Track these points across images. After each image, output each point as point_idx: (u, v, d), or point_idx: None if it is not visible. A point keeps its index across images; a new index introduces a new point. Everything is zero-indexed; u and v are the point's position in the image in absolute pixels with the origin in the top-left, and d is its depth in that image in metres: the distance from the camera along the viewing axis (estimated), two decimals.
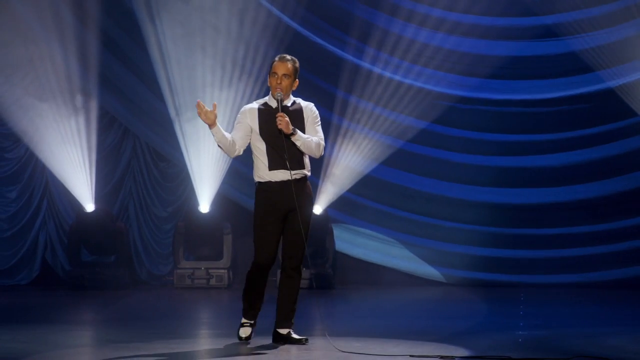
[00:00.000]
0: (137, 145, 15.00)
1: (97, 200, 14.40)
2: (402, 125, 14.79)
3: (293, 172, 7.99)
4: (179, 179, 14.95)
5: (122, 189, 15.05)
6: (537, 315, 11.03)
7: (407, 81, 14.64)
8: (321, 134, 8.20)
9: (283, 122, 7.94)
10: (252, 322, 8.28)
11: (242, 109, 8.21)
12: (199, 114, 7.92)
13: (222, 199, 14.54)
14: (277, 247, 8.12)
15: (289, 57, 8.22)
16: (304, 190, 8.12)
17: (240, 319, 8.30)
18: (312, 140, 8.08)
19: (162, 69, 14.21)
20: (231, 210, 14.62)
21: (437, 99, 14.75)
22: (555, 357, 7.41)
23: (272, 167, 8.03)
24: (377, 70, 14.58)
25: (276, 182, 8.02)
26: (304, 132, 8.06)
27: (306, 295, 13.19)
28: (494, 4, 14.52)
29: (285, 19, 14.34)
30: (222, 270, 14.22)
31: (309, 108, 8.24)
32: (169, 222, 15.00)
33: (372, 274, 14.87)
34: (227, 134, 8.05)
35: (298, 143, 8.01)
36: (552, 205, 14.79)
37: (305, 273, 14.17)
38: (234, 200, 14.78)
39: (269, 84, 8.20)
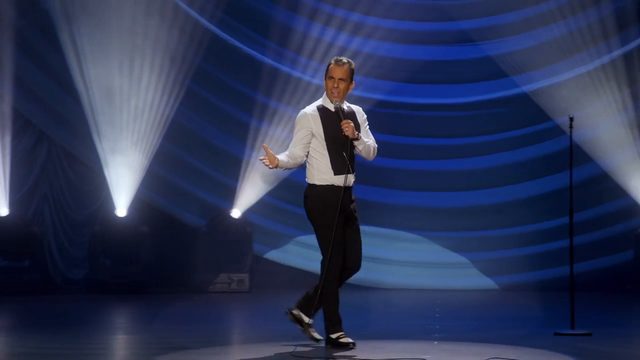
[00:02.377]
0: (53, 148, 14.78)
1: (11, 204, 14.16)
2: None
3: (351, 177, 7.95)
4: (95, 183, 14.77)
5: (37, 193, 14.81)
6: (455, 318, 11.11)
7: None
8: (373, 137, 8.17)
9: (350, 128, 7.86)
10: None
11: (302, 114, 8.02)
12: (263, 159, 7.86)
13: (139, 202, 14.40)
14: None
15: (345, 59, 8.06)
16: (353, 194, 8.13)
17: (328, 336, 8.02)
18: (370, 143, 8.07)
19: (78, 71, 14.03)
20: (149, 214, 14.49)
21: (355, 102, 14.79)
22: None
23: (337, 171, 7.94)
24: (296, 73, 14.58)
25: (341, 187, 7.91)
26: None
27: (225, 300, 13.14)
28: (412, 9, 14.63)
29: (203, 21, 14.27)
30: (142, 275, 14.08)
31: (360, 112, 8.17)
32: (85, 226, 14.81)
33: (292, 278, 14.85)
34: (285, 158, 7.96)
35: (360, 147, 7.98)
36: (468, 208, 14.93)
37: (223, 277, 14.12)
38: (151, 204, 14.65)
39: (324, 86, 8.07)
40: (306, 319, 8.09)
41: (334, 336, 7.97)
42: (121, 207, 14.25)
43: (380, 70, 14.76)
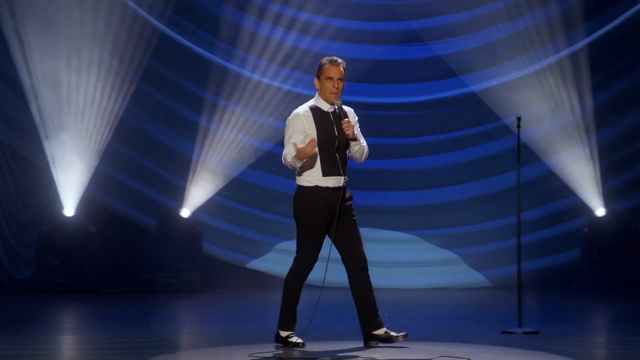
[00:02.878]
0: None
1: None
2: (271, 128, 14.80)
3: (343, 178, 7.91)
4: (43, 182, 14.63)
5: None
6: (404, 317, 11.14)
7: (276, 84, 14.66)
8: (363, 139, 8.12)
9: (351, 128, 7.84)
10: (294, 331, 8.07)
11: (295, 115, 7.91)
12: (309, 149, 7.71)
13: (87, 202, 14.29)
14: (319, 253, 7.98)
15: (339, 59, 7.99)
16: (349, 195, 8.05)
17: (278, 331, 8.02)
18: (365, 144, 8.04)
19: (25, 69, 13.89)
20: (97, 214, 14.38)
21: (304, 101, 14.80)
22: (419, 358, 7.50)
23: (326, 173, 7.88)
24: (245, 73, 14.55)
25: (330, 188, 7.88)
26: None
27: (175, 299, 13.08)
28: (361, 8, 14.66)
29: (152, 20, 14.20)
30: (90, 274, 13.99)
31: (352, 113, 8.11)
32: (32, 225, 14.66)
33: (243, 277, 14.82)
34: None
35: (356, 148, 7.94)
36: (418, 207, 14.99)
37: (173, 276, 14.06)
38: (100, 203, 14.55)
39: (317, 86, 7.96)
40: (283, 333, 8.02)
41: (284, 334, 7.96)
42: (69, 207, 14.14)
43: None
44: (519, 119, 9.46)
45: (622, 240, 14.22)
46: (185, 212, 14.46)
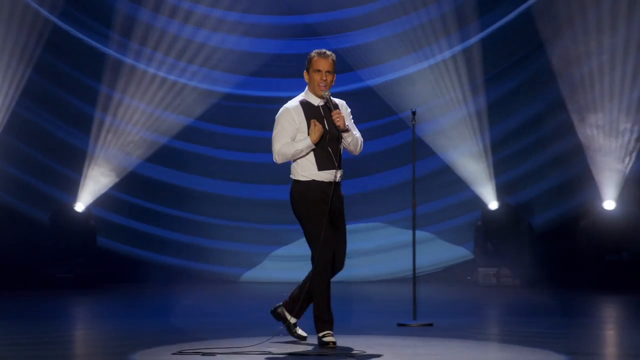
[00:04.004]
0: None
1: None
2: (167, 122, 14.70)
3: (339, 172, 7.77)
4: None
5: None
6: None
7: (172, 77, 14.56)
8: (358, 131, 7.98)
9: (341, 119, 7.69)
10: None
11: (285, 110, 7.80)
12: (319, 131, 7.61)
13: None
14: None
15: (328, 52, 7.91)
16: (341, 191, 7.92)
17: (288, 318, 8.00)
18: (358, 136, 7.89)
19: None
20: None
21: (202, 95, 14.74)
22: (318, 352, 7.54)
23: (321, 167, 7.75)
24: (141, 66, 14.42)
25: (326, 182, 7.74)
26: None
27: (70, 294, 12.91)
28: (257, 2, 14.64)
29: (44, 12, 13.97)
30: None
31: (344, 105, 7.97)
32: None
33: (138, 271, 14.70)
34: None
35: (349, 140, 7.80)
36: None
37: (67, 271, 13.87)
38: None
39: (307, 79, 7.85)
40: (290, 318, 7.95)
41: (320, 334, 7.77)
42: None
43: (227, 63, 14.72)
44: (413, 113, 9.55)
45: (515, 233, 14.47)
46: (79, 207, 14.28)
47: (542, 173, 14.82)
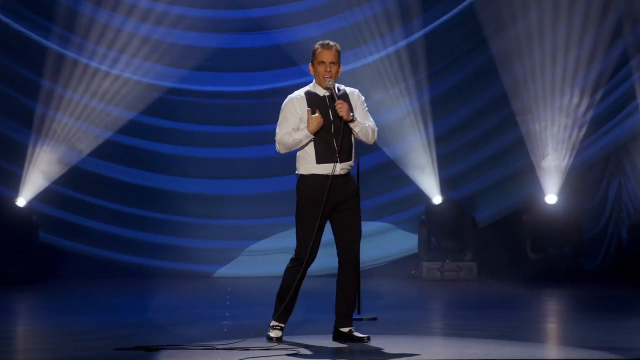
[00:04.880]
0: None
1: None
2: (111, 116, 14.59)
3: (340, 165, 7.64)
4: None
5: None
6: (244, 305, 11.17)
7: (115, 71, 14.45)
8: (372, 119, 7.86)
9: (344, 108, 7.57)
10: (283, 325, 7.84)
11: (288, 99, 7.73)
12: (316, 120, 7.54)
13: None
14: (319, 243, 7.71)
15: (332, 42, 7.78)
16: (352, 183, 7.78)
17: (270, 320, 7.86)
18: (368, 125, 7.75)
19: None
20: None
21: (145, 89, 14.66)
22: (261, 345, 7.55)
23: (320, 160, 7.65)
24: (83, 59, 14.29)
25: (324, 176, 7.64)
26: None
27: (10, 291, 12.77)
28: None
29: None
30: None
31: (356, 94, 7.84)
32: None
33: (81, 266, 14.58)
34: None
35: (357, 129, 7.67)
36: (263, 195, 15.02)
37: (9, 266, 13.73)
38: None
39: (312, 72, 7.76)
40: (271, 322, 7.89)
41: (270, 323, 7.85)
42: None
43: (171, 57, 14.64)
44: None
45: (458, 227, 14.56)
46: (21, 201, 14.13)
47: (485, 167, 14.92)
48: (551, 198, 14.29)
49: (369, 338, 7.83)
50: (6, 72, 14.32)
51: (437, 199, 14.61)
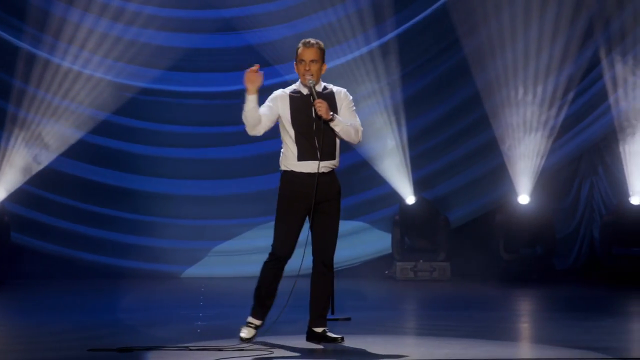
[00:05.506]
0: None
1: None
2: (83, 116, 14.54)
3: (322, 164, 7.61)
4: None
5: None
6: (216, 305, 11.16)
7: (87, 71, 14.39)
8: (358, 119, 7.83)
9: (322, 107, 7.56)
10: (259, 323, 7.80)
11: (273, 94, 7.78)
12: (250, 77, 7.52)
13: None
14: (296, 240, 7.67)
15: (313, 40, 7.79)
16: (334, 182, 7.75)
17: (247, 317, 7.81)
18: (351, 125, 7.71)
19: None
20: None
21: (118, 90, 14.60)
22: (234, 346, 7.53)
23: (301, 157, 7.63)
24: (55, 59, 14.23)
25: (305, 173, 7.61)
26: None
27: None
28: None
29: None
30: None
31: (342, 93, 7.85)
32: None
33: (52, 267, 14.50)
34: (258, 108, 7.63)
35: (337, 129, 7.64)
36: (233, 196, 15.00)
37: None
38: None
39: (296, 71, 7.77)
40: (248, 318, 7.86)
41: (247, 320, 7.84)
42: None
43: (143, 57, 14.59)
44: None
45: (432, 227, 14.59)
46: None
47: (458, 168, 14.96)
48: (524, 198, 14.35)
49: (342, 338, 7.84)
50: None
51: (410, 199, 14.63)
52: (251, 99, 7.65)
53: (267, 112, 7.75)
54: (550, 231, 14.30)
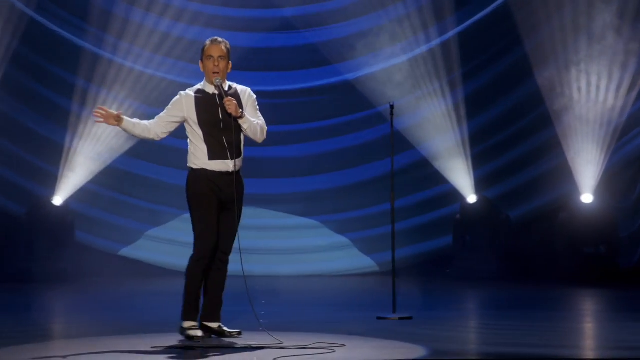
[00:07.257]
0: None
1: None
2: (145, 115, 14.65)
3: (232, 162, 7.68)
4: None
5: None
6: (279, 304, 11.16)
7: (149, 71, 14.51)
8: (262, 118, 7.90)
9: (232, 105, 7.63)
10: (195, 324, 7.80)
11: (178, 96, 7.81)
12: (104, 119, 7.59)
13: None
14: (217, 236, 7.73)
15: (220, 39, 7.92)
16: (241, 182, 7.84)
17: (181, 322, 7.79)
18: (257, 123, 7.80)
19: None
20: None
21: (180, 89, 14.69)
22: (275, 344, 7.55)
23: (212, 156, 7.69)
24: (118, 59, 14.36)
25: (217, 172, 7.69)
26: None
27: (47, 289, 12.85)
28: None
29: (20, 5, 13.89)
30: None
31: (247, 93, 7.93)
32: None
33: (115, 265, 14.65)
34: (136, 124, 7.73)
35: (245, 126, 7.71)
36: (292, 195, 15.03)
37: (46, 265, 13.81)
38: None
39: (202, 69, 7.84)
40: (184, 324, 7.82)
41: (185, 325, 7.79)
42: None
43: None
44: (392, 106, 9.56)
45: (493, 226, 14.51)
46: (57, 200, 14.22)
47: (520, 166, 14.86)
48: (587, 197, 14.19)
49: (240, 332, 7.86)
50: (42, 72, 14.44)
51: (472, 198, 14.56)
52: (124, 128, 7.75)
53: (169, 117, 7.80)
54: (613, 230, 14.14)
